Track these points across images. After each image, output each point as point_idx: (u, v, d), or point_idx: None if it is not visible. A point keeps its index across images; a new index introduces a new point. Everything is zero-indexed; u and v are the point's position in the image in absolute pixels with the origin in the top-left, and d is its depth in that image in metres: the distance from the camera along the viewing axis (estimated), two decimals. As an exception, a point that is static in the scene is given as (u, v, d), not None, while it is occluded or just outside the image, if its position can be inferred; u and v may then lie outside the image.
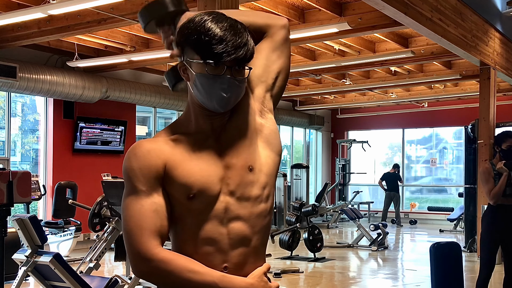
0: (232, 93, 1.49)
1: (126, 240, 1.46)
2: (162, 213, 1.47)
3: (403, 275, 7.95)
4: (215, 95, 1.48)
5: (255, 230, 1.54)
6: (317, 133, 16.44)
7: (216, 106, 1.50)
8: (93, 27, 7.02)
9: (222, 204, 1.50)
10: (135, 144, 1.52)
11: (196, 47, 1.46)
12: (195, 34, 1.45)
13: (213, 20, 1.46)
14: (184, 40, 1.50)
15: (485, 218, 4.89)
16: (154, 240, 1.44)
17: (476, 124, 8.92)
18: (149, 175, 1.47)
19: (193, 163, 1.50)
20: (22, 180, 4.34)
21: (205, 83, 1.48)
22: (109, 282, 4.64)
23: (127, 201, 1.48)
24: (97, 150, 10.00)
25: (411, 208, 15.43)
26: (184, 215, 1.50)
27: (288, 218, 9.18)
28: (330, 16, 7.23)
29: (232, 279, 1.47)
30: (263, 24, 1.71)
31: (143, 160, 1.48)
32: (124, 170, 1.50)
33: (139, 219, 1.45)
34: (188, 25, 1.48)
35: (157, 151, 1.49)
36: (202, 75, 1.47)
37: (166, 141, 1.53)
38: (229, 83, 1.47)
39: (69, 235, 8.18)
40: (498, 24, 9.09)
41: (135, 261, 1.45)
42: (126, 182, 1.50)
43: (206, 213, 1.49)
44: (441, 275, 3.27)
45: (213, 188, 1.50)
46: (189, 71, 1.51)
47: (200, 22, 1.46)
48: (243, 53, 1.46)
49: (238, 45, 1.45)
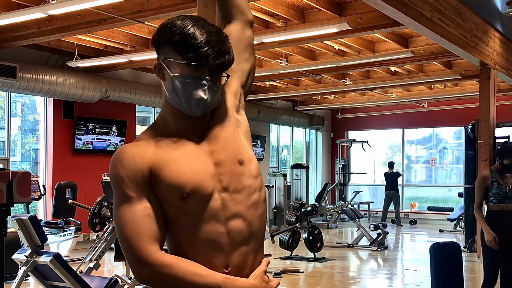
0: (211, 97, 1.48)
1: (125, 248, 1.44)
2: (155, 218, 1.44)
3: (403, 275, 7.95)
4: (193, 98, 1.47)
5: (254, 224, 1.53)
6: (317, 133, 16.44)
7: (194, 108, 1.48)
8: (93, 27, 7.02)
9: (218, 202, 1.48)
10: (119, 151, 1.48)
11: (180, 47, 1.45)
12: (180, 35, 1.44)
13: (198, 24, 1.47)
14: (164, 40, 1.48)
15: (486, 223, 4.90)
16: (153, 245, 1.42)
17: (476, 124, 8.92)
18: (136, 180, 1.44)
19: (181, 163, 1.47)
20: (22, 180, 4.34)
21: (184, 84, 1.46)
22: (109, 282, 4.64)
23: (120, 209, 1.44)
24: (97, 150, 10.00)
25: (411, 208, 15.43)
26: (180, 217, 1.47)
27: (288, 218, 9.18)
28: (330, 16, 7.23)
29: (235, 280, 1.46)
30: (239, 5, 1.74)
31: (128, 166, 1.44)
32: (111, 178, 1.47)
33: (134, 226, 1.42)
34: (170, 26, 1.47)
35: (140, 154, 1.46)
36: (182, 77, 1.46)
37: (148, 144, 1.49)
38: (208, 87, 1.47)
39: (69, 235, 8.17)
40: (498, 24, 9.09)
41: (137, 268, 1.42)
42: (115, 191, 1.46)
43: (202, 213, 1.46)
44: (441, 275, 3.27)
45: (206, 185, 1.47)
46: (166, 71, 1.49)
47: (185, 24, 1.46)
48: (226, 60, 1.47)
49: (223, 51, 1.46)
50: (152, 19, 6.77)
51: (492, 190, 4.81)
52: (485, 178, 4.85)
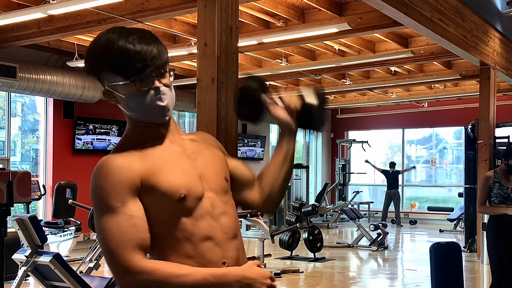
0: (167, 100, 1.50)
1: (109, 260, 1.42)
2: (141, 226, 1.43)
3: (403, 275, 7.95)
4: (153, 108, 1.49)
5: (236, 222, 1.61)
6: (317, 133, 16.42)
7: (157, 117, 1.51)
8: (93, 27, 7.01)
9: (208, 201, 1.53)
10: (104, 162, 1.45)
11: (115, 69, 1.44)
12: (109, 57, 1.43)
13: (121, 36, 1.43)
14: (99, 67, 1.47)
15: (490, 227, 4.91)
16: (137, 253, 1.40)
17: (476, 124, 8.91)
18: (123, 189, 1.42)
19: (173, 167, 1.51)
20: (22, 180, 4.34)
21: (139, 100, 1.48)
22: (109, 282, 4.64)
23: (102, 221, 1.42)
24: (97, 150, 9.99)
25: (411, 208, 15.43)
26: (176, 216, 1.48)
27: (288, 218, 9.18)
28: (330, 16, 7.23)
29: (224, 270, 1.48)
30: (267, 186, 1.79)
31: (114, 176, 1.43)
32: (93, 191, 1.45)
33: (118, 236, 1.40)
34: (96, 50, 1.46)
35: (128, 163, 1.45)
36: (133, 95, 1.47)
37: (131, 153, 1.48)
38: (161, 91, 1.48)
39: (69, 235, 8.17)
40: (498, 24, 9.09)
41: (121, 278, 1.40)
42: (97, 203, 1.44)
43: (198, 210, 1.50)
44: (441, 275, 3.27)
45: (197, 186, 1.53)
46: (116, 95, 1.49)
47: (109, 43, 1.43)
48: (162, 59, 1.48)
49: (155, 54, 1.45)
50: (152, 19, 6.77)
51: (494, 190, 4.82)
52: (488, 178, 4.90)
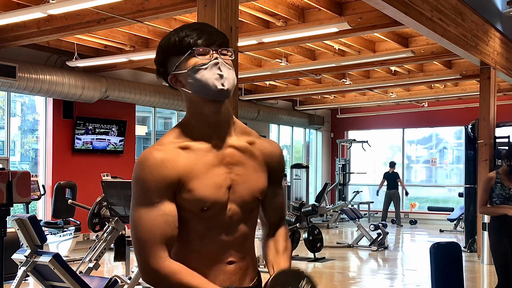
0: (226, 73, 1.55)
1: (137, 250, 1.51)
2: (173, 224, 1.52)
3: (403, 275, 7.94)
4: (213, 79, 1.54)
5: (252, 226, 1.67)
6: (317, 133, 16.43)
7: (217, 88, 1.54)
8: (93, 27, 7.01)
9: (230, 212, 1.59)
10: (146, 154, 1.53)
11: (180, 50, 1.55)
12: (175, 42, 1.55)
13: (183, 26, 1.59)
14: (166, 55, 1.58)
15: (492, 228, 4.90)
16: (164, 251, 1.50)
17: (476, 124, 8.91)
18: (163, 186, 1.50)
19: (207, 177, 1.55)
20: (21, 180, 4.34)
21: (200, 72, 1.54)
22: (108, 282, 4.64)
23: (139, 212, 1.51)
24: (97, 150, 9.99)
25: (411, 208, 15.42)
26: (197, 222, 1.56)
27: (288, 218, 9.16)
28: (330, 15, 7.22)
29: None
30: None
31: (156, 171, 1.50)
32: (135, 180, 1.52)
33: (151, 231, 1.49)
34: (165, 44, 1.59)
35: (171, 162, 1.52)
36: (195, 67, 1.54)
37: (175, 150, 1.55)
38: (220, 63, 1.55)
39: (69, 235, 8.16)
40: (498, 24, 9.09)
41: (145, 271, 1.51)
42: (138, 192, 1.52)
43: (216, 219, 1.57)
44: (441, 275, 3.27)
45: (223, 198, 1.57)
46: (180, 76, 1.57)
47: (174, 34, 1.57)
48: (221, 36, 1.58)
49: (213, 32, 1.58)
50: (151, 18, 6.77)
51: (495, 191, 4.81)
52: (490, 179, 4.88)
